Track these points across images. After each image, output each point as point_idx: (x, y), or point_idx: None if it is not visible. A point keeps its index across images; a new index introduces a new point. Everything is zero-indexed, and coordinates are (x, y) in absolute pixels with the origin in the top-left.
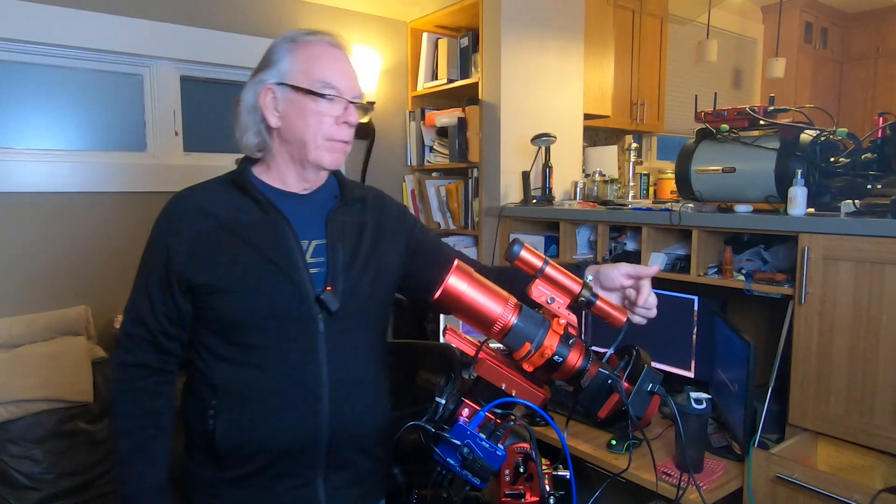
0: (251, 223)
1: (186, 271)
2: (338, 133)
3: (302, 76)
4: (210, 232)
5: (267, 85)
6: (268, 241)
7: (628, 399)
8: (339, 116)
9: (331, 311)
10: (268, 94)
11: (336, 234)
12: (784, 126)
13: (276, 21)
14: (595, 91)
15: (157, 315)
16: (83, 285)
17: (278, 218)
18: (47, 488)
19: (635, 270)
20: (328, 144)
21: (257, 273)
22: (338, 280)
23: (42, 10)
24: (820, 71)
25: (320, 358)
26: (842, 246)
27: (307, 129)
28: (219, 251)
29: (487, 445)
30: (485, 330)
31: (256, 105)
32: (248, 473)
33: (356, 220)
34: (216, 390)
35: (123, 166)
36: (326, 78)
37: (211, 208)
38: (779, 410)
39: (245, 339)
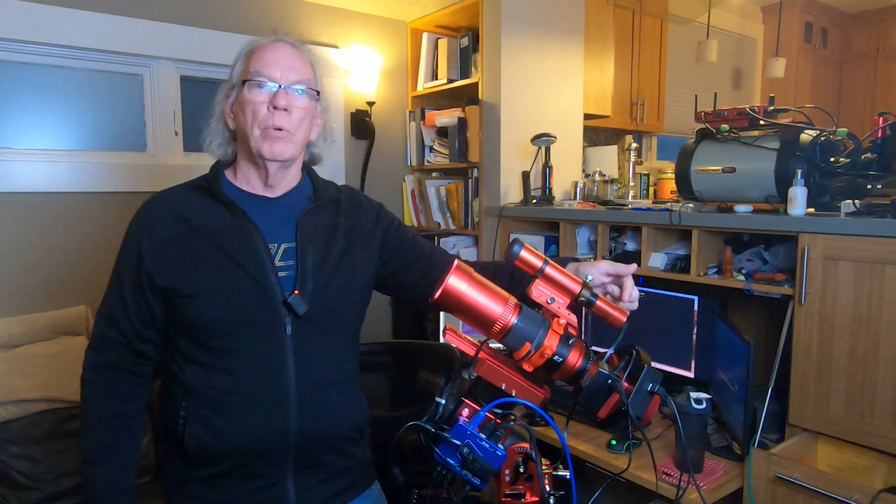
0: (220, 227)
1: (157, 273)
2: (270, 119)
3: (242, 74)
4: (181, 235)
5: (225, 91)
6: (236, 245)
7: (628, 399)
8: (270, 101)
9: (298, 315)
10: (227, 101)
11: (306, 236)
12: (784, 126)
13: (276, 21)
14: (595, 91)
15: (129, 317)
16: (83, 285)
17: (247, 222)
18: (47, 488)
19: (614, 269)
20: (264, 132)
21: (225, 277)
22: (306, 283)
23: (42, 10)
24: (820, 71)
25: (287, 361)
26: (842, 246)
27: (245, 121)
28: (188, 255)
29: (487, 445)
30: (485, 330)
31: (220, 113)
32: (218, 473)
33: (328, 223)
34: (187, 392)
35: (123, 166)
36: (259, 67)
37: (183, 212)
38: (779, 410)
39: (213, 342)
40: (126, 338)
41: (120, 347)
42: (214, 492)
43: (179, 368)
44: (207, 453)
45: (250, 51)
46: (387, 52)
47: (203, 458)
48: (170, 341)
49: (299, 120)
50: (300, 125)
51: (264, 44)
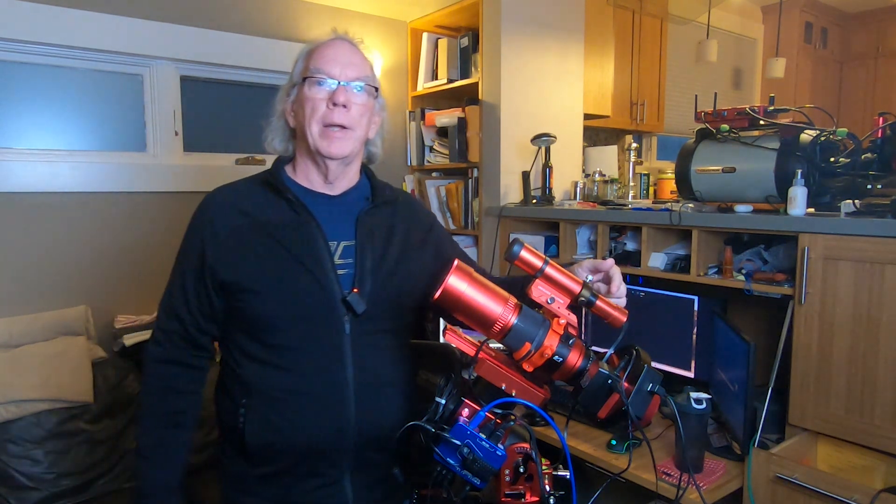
0: (282, 223)
1: (219, 267)
2: (329, 116)
3: (303, 71)
4: (244, 230)
5: (286, 89)
6: (297, 241)
7: (628, 399)
8: (329, 98)
9: (357, 313)
10: (288, 99)
11: (365, 235)
12: (784, 126)
13: (276, 21)
14: (595, 91)
15: (191, 310)
16: (83, 285)
17: (308, 219)
18: (47, 488)
19: (594, 265)
20: (323, 131)
21: (286, 273)
22: (365, 282)
23: (42, 10)
24: (820, 71)
25: (346, 359)
26: (842, 246)
27: (304, 117)
28: (250, 250)
29: (487, 445)
30: (485, 330)
31: (281, 112)
32: (276, 471)
33: (386, 223)
34: (247, 389)
35: (123, 166)
36: (317, 65)
37: (245, 207)
38: (779, 410)
39: (272, 339)
40: (187, 331)
41: (180, 341)
42: (273, 489)
43: (238, 364)
44: (267, 451)
45: (310, 50)
46: (387, 52)
47: (262, 456)
48: (228, 336)
49: (358, 116)
50: (359, 122)
51: (323, 42)
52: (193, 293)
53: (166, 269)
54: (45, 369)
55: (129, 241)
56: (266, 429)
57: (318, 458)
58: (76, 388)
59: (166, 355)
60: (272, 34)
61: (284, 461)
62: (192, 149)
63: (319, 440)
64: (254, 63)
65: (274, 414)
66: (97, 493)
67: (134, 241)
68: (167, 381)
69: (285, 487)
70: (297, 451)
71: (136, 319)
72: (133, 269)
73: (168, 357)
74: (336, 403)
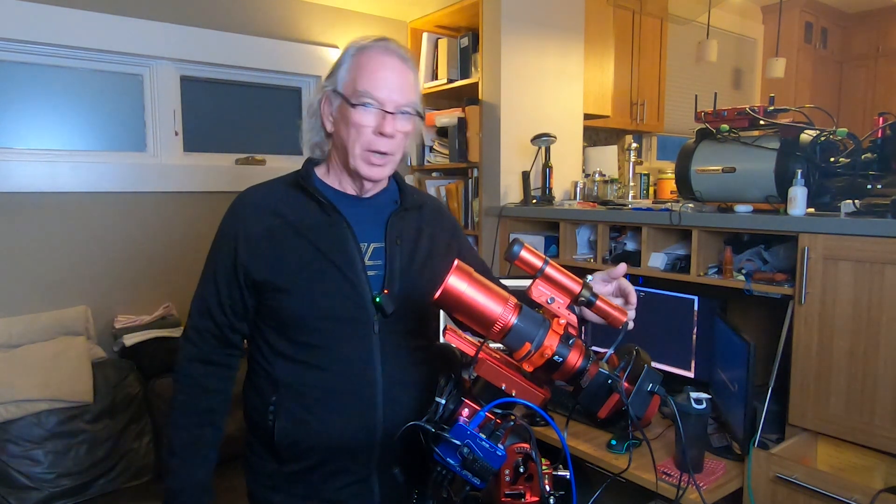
0: (314, 224)
1: (252, 267)
2: (374, 143)
3: (350, 84)
4: (276, 230)
5: (326, 91)
6: (329, 242)
7: (628, 399)
8: (376, 127)
9: (386, 314)
10: (326, 101)
11: (395, 237)
12: (784, 126)
13: (276, 21)
14: (595, 91)
15: (224, 308)
16: (83, 285)
17: (339, 220)
18: (47, 488)
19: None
20: (365, 155)
21: (318, 274)
22: (394, 283)
23: (42, 10)
24: (820, 71)
25: (375, 359)
26: (842, 246)
27: (349, 138)
28: (284, 250)
29: (487, 445)
30: (485, 330)
31: (318, 110)
32: (305, 468)
33: (414, 226)
34: (276, 386)
35: (123, 166)
36: (368, 87)
37: (277, 207)
38: (779, 410)
39: (303, 337)
40: (220, 329)
41: (213, 339)
42: (301, 487)
43: (267, 362)
44: (296, 448)
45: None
46: None
47: (291, 453)
48: (259, 334)
49: (401, 142)
50: (401, 146)
51: (373, 54)
52: (226, 292)
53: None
54: (45, 369)
55: (129, 241)
56: (296, 426)
57: (346, 456)
58: (76, 388)
59: (200, 354)
60: (272, 34)
61: (313, 459)
62: (192, 149)
63: (349, 438)
64: (254, 63)
65: (304, 411)
66: (97, 493)
67: (134, 241)
68: (200, 380)
69: (314, 485)
70: (327, 448)
71: (136, 319)
72: (133, 269)
73: (201, 356)
74: (365, 401)
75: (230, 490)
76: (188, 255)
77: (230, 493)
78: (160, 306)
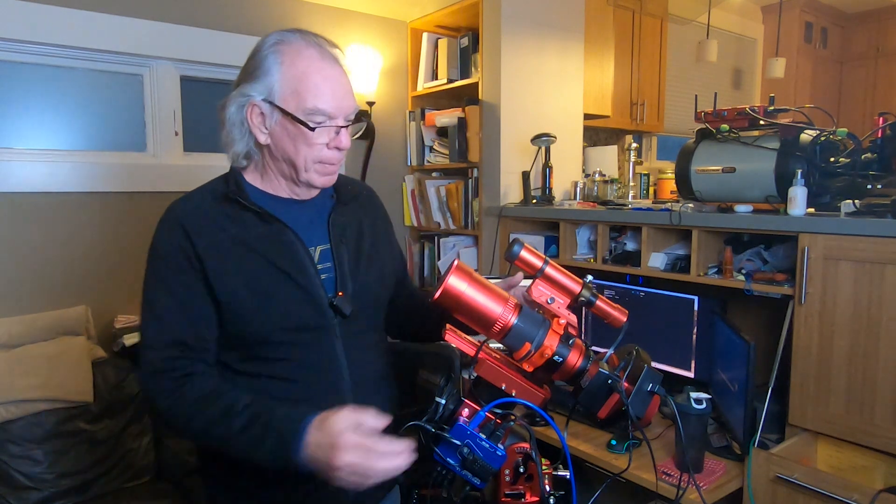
0: (258, 235)
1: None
2: (329, 157)
3: (291, 99)
4: (222, 244)
5: (253, 101)
6: (278, 252)
7: (628, 399)
8: (330, 142)
9: (345, 315)
10: (254, 112)
11: (338, 237)
12: (784, 126)
13: (276, 21)
14: (595, 91)
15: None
16: (83, 285)
17: (283, 228)
18: (47, 488)
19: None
20: (319, 167)
21: (273, 287)
22: (347, 284)
23: (42, 10)
24: (820, 71)
25: (340, 362)
26: (842, 246)
27: (297, 154)
28: (233, 264)
29: (487, 445)
30: (485, 330)
31: (243, 120)
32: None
33: (354, 220)
34: None
35: (123, 166)
36: (317, 104)
37: (216, 221)
38: (779, 410)
39: (265, 352)
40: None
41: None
42: (272, 492)
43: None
44: None
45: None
46: (387, 52)
47: None
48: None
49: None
50: None
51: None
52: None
53: None
54: (45, 369)
55: (130, 241)
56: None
57: None
58: (76, 388)
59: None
60: None
61: None
62: (192, 149)
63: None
64: None
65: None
66: (97, 493)
67: (134, 242)
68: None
69: (286, 491)
70: None
71: (136, 319)
72: (133, 269)
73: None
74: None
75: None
76: None
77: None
78: None
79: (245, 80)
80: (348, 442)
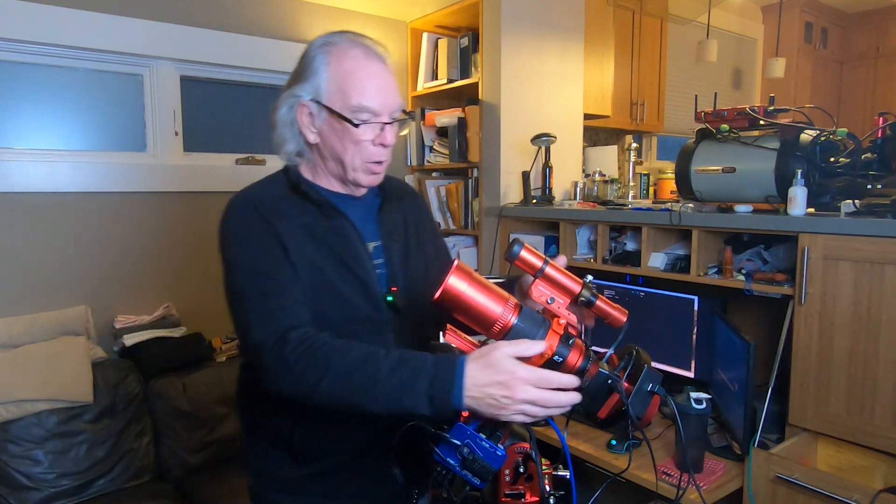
0: (323, 227)
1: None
2: (375, 155)
3: (337, 97)
4: (292, 230)
5: (302, 102)
6: (340, 245)
7: (628, 399)
8: (375, 138)
9: (398, 311)
10: (304, 111)
11: (388, 234)
12: (784, 126)
13: (276, 21)
14: (595, 91)
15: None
16: (83, 285)
17: (343, 222)
18: (47, 488)
19: None
20: (366, 166)
21: (336, 276)
22: (398, 280)
23: (42, 10)
24: (820, 71)
25: None
26: (842, 246)
27: (345, 152)
28: (302, 251)
29: (487, 445)
30: (485, 330)
31: (294, 120)
32: (326, 469)
33: (401, 218)
34: None
35: (123, 166)
36: (362, 101)
37: (283, 209)
38: (779, 410)
39: None
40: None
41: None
42: (322, 486)
43: None
44: (317, 453)
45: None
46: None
47: (312, 457)
48: None
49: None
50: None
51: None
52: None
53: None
54: (45, 369)
55: (130, 241)
56: (317, 431)
57: (368, 454)
58: (76, 388)
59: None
60: (272, 34)
61: (335, 459)
62: (192, 149)
63: (370, 440)
64: (254, 63)
65: (326, 418)
66: (97, 493)
67: (134, 241)
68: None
69: (335, 483)
70: (348, 449)
71: (136, 319)
72: (133, 269)
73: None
74: None
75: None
76: (188, 255)
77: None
78: (160, 306)
79: (294, 81)
80: (527, 376)
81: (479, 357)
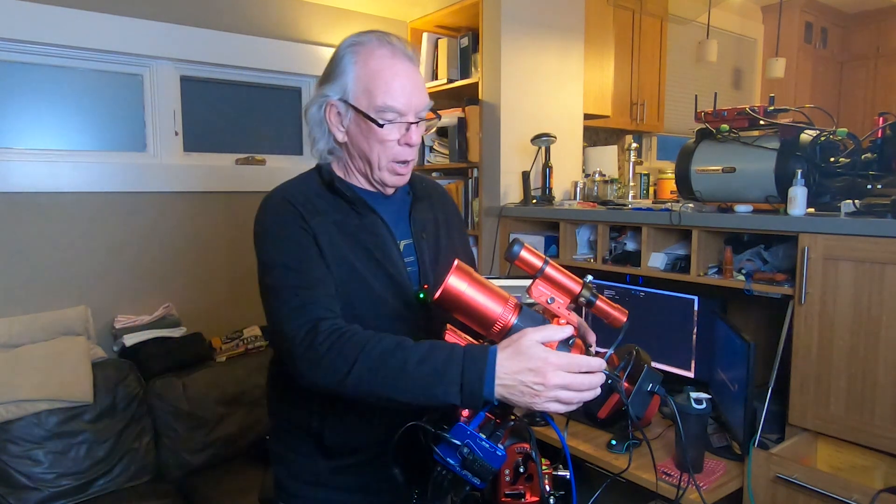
0: (355, 224)
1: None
2: (401, 154)
3: (363, 97)
4: (326, 226)
5: (330, 101)
6: (372, 241)
7: (628, 399)
8: (401, 138)
9: (430, 308)
10: (332, 111)
11: (419, 232)
12: (784, 126)
13: (276, 21)
14: (595, 91)
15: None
16: (83, 285)
17: (375, 219)
18: (47, 488)
19: None
20: (391, 166)
21: (368, 273)
22: (428, 277)
23: (42, 10)
24: (820, 71)
25: None
26: (842, 246)
27: (371, 152)
28: (334, 249)
29: (487, 445)
30: (485, 330)
31: (322, 119)
32: (356, 463)
33: (431, 216)
34: None
35: (123, 166)
36: (387, 101)
37: (317, 206)
38: (779, 410)
39: None
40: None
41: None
42: (351, 479)
43: None
44: (347, 447)
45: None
46: None
47: (342, 451)
48: None
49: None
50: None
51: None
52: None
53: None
54: (45, 369)
55: (129, 241)
56: (346, 428)
57: None
58: (76, 388)
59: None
60: (272, 34)
61: (364, 454)
62: (192, 149)
63: None
64: (254, 63)
65: (355, 412)
66: (97, 493)
67: (134, 241)
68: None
69: (364, 476)
70: (378, 444)
71: (136, 319)
72: (133, 269)
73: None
74: None
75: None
76: (188, 255)
77: (232, 493)
78: (160, 306)
79: (324, 81)
80: (558, 361)
81: (508, 345)
